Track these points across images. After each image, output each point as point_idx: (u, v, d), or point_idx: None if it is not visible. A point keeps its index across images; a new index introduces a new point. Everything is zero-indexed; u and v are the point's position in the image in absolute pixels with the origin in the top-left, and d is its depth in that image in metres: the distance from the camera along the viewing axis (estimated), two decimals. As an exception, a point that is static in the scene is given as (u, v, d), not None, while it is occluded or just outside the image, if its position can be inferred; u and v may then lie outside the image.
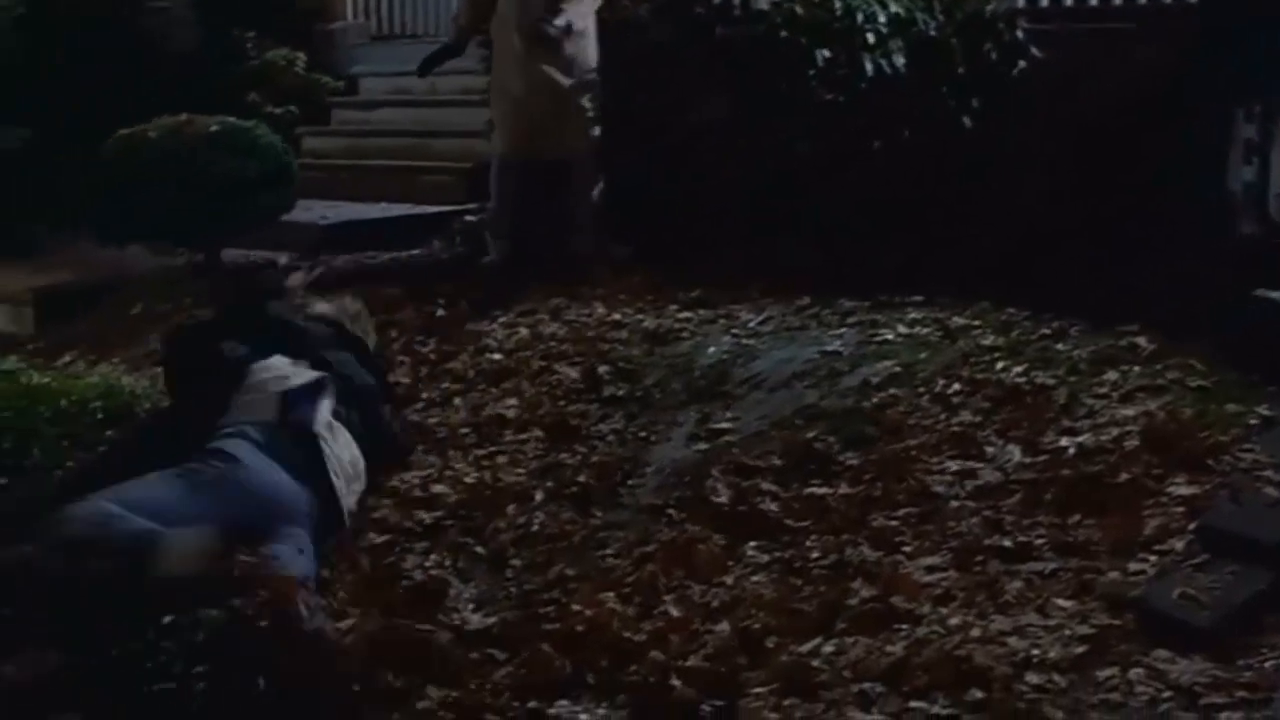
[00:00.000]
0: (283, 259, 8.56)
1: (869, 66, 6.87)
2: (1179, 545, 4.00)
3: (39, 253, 9.58)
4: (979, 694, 3.50)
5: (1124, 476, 4.35)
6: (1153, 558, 3.97)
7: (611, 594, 4.30)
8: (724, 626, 4.04)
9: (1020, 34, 7.00)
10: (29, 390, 6.25)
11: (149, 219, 7.97)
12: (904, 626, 3.86)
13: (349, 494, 4.99)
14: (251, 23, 11.39)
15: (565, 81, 7.36)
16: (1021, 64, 6.97)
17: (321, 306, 6.10)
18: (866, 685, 3.64)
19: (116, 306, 8.16)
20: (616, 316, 6.46)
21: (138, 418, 5.75)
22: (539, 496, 5.07)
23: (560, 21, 7.26)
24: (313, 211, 9.07)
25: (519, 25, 7.36)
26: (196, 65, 10.79)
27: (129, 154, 8.25)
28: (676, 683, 3.81)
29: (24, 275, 8.77)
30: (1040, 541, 4.15)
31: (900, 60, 6.91)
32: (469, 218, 8.46)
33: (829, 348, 5.65)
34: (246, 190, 8.09)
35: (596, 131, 7.45)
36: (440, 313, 6.87)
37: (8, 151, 9.86)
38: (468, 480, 5.26)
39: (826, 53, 6.96)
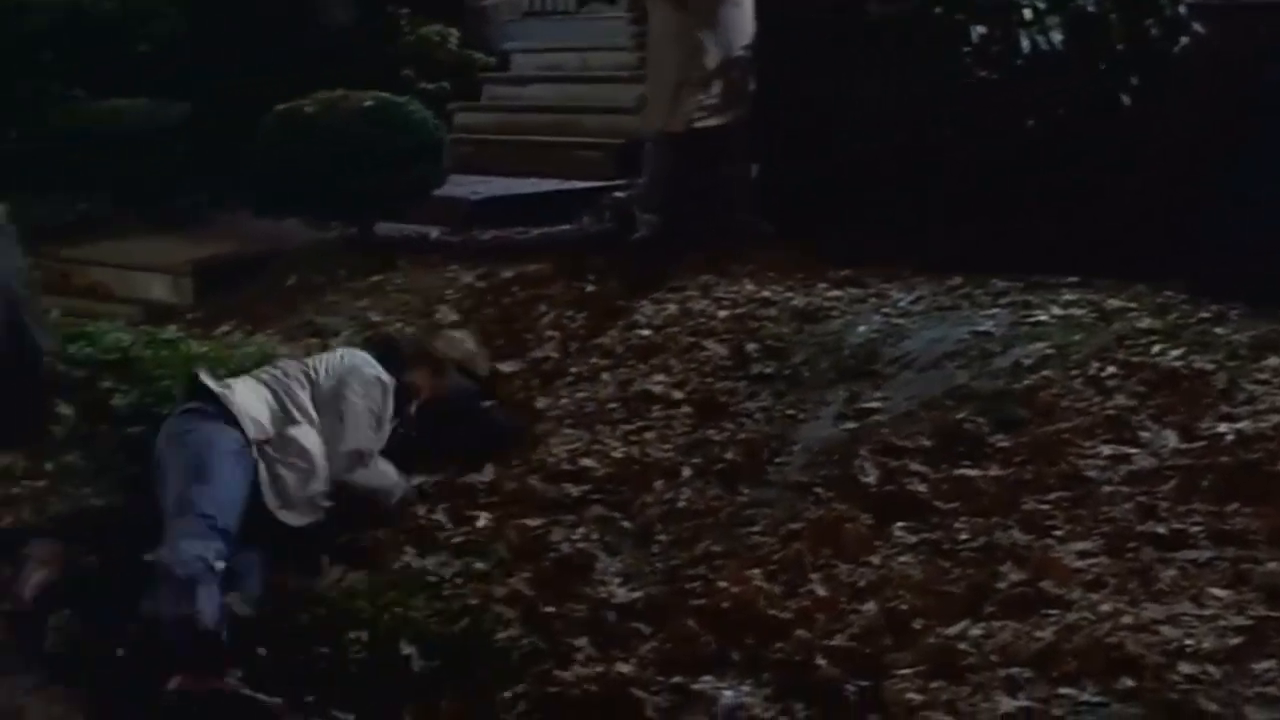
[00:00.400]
0: (433, 233, 8.69)
1: (1025, 43, 6.78)
2: (1341, 536, 3.90)
3: (198, 225, 9.81)
4: (1130, 682, 3.45)
5: (1284, 465, 4.25)
6: (1313, 548, 3.88)
7: (758, 571, 4.30)
8: (870, 606, 4.02)
9: (1182, 9, 6.85)
10: (188, 358, 6.42)
11: (304, 192, 8.14)
12: (1054, 611, 3.81)
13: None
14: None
15: (720, 54, 7.34)
16: (1183, 40, 6.82)
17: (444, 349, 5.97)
18: (1014, 670, 3.60)
19: (272, 278, 8.32)
20: (766, 294, 6.45)
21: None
22: (686, 472, 5.08)
23: None
24: (463, 186, 9.18)
25: None
26: (352, 41, 10.96)
27: (286, 128, 8.43)
28: (821, 662, 3.81)
29: (184, 247, 8.97)
30: (1196, 529, 4.06)
31: (1057, 36, 6.81)
32: (619, 193, 8.49)
33: (981, 328, 5.58)
34: (399, 165, 8.23)
35: (749, 109, 7.41)
36: (589, 288, 6.91)
37: (169, 126, 10.10)
38: (615, 455, 5.29)
39: (981, 29, 6.88)
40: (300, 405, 5.07)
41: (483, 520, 4.95)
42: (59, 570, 4.79)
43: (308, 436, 4.98)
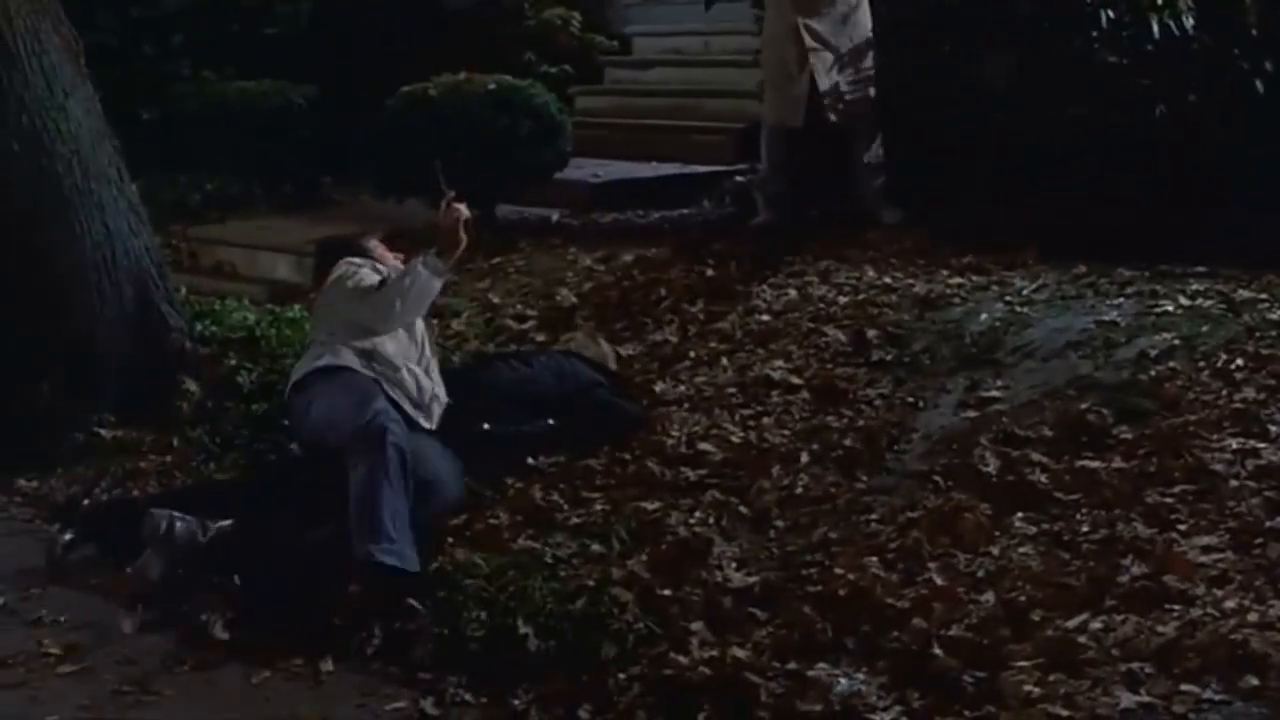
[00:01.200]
0: (554, 216, 8.73)
1: (1155, 27, 6.66)
2: None
3: (322, 205, 9.95)
4: (1254, 681, 3.38)
5: None
6: None
7: (875, 559, 4.28)
8: (989, 597, 3.99)
9: (1321, -7, 6.70)
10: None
11: (426, 174, 8.20)
12: (1176, 607, 3.75)
13: None
14: (529, -18, 11.60)
15: (836, 47, 7.30)
16: (1323, 25, 6.67)
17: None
18: (1135, 665, 3.55)
19: (395, 259, 8.40)
20: (886, 280, 6.41)
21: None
22: (804, 459, 5.06)
23: None
24: (584, 169, 9.21)
25: None
26: (476, 25, 11.04)
27: (409, 110, 8.51)
28: (938, 651, 3.78)
29: (307, 227, 9.09)
30: (1325, 526, 3.99)
31: (1189, 21, 6.67)
32: (739, 178, 8.48)
33: (1105, 317, 5.50)
34: (521, 147, 8.28)
35: (872, 94, 7.37)
36: (709, 272, 6.90)
37: (295, 108, 10.25)
38: (733, 440, 5.29)
39: (1111, 13, 6.77)
40: None
41: (600, 503, 4.98)
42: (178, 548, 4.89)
43: None
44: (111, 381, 6.30)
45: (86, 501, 5.51)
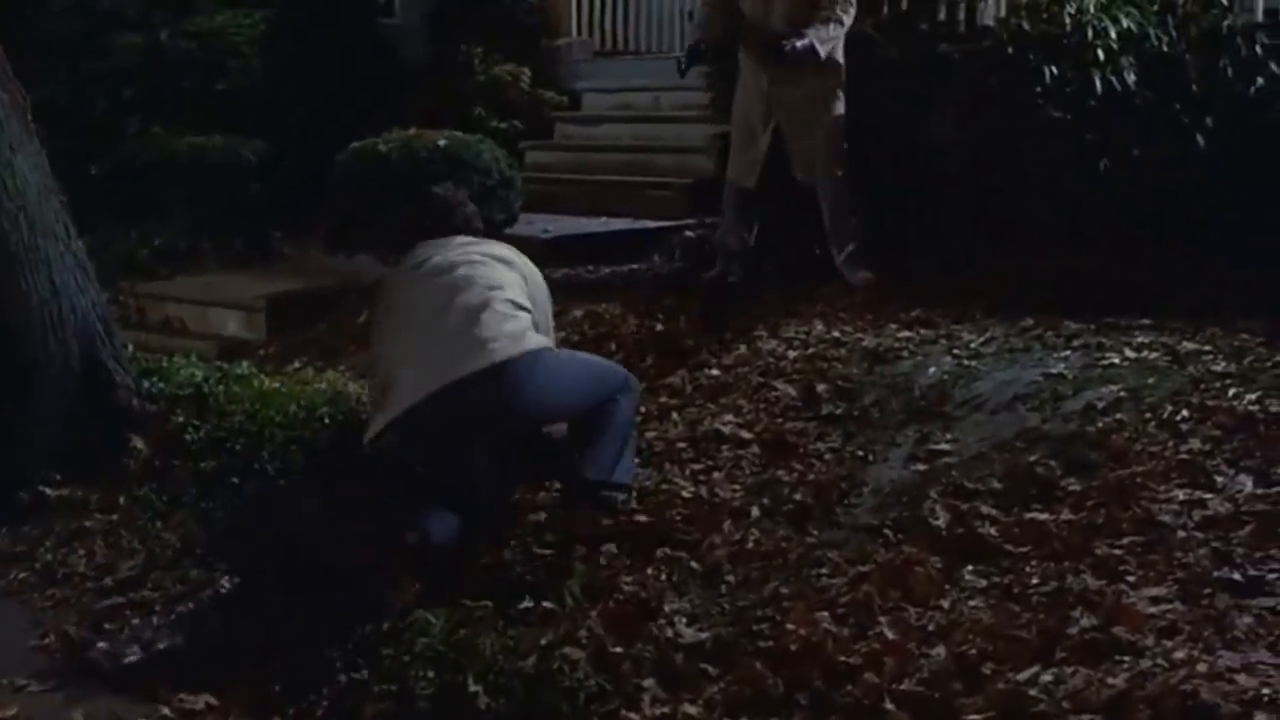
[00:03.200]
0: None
1: (1098, 83, 6.74)
2: None
3: (273, 261, 9.93)
4: (1204, 731, 3.40)
5: (1363, 511, 4.19)
6: (1392, 596, 3.82)
7: (826, 614, 4.27)
8: (940, 651, 3.98)
9: (1259, 49, 6.80)
10: (261, 394, 6.51)
11: (376, 229, 8.20)
12: (1126, 658, 3.75)
13: None
14: (479, 39, 11.66)
15: (805, 113, 7.30)
16: (1260, 81, 6.77)
17: None
18: (1086, 717, 3.54)
19: (344, 314, 8.39)
20: (835, 334, 6.44)
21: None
22: (755, 513, 5.05)
23: (801, 43, 7.09)
24: (535, 225, 9.23)
25: (756, 44, 7.32)
26: (426, 80, 11.08)
27: (359, 166, 8.52)
28: (890, 706, 3.76)
29: (258, 282, 9.07)
30: (1273, 576, 3.99)
31: (1131, 77, 6.77)
32: (689, 233, 8.51)
33: (1053, 370, 5.54)
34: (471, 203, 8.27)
35: (844, 156, 7.34)
36: (659, 327, 6.93)
37: (245, 163, 10.24)
38: (684, 495, 5.28)
39: (1054, 69, 6.85)
40: None
41: (552, 557, 4.95)
42: None
43: None
44: (57, 439, 6.24)
45: None
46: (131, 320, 8.76)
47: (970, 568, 4.38)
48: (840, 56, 7.34)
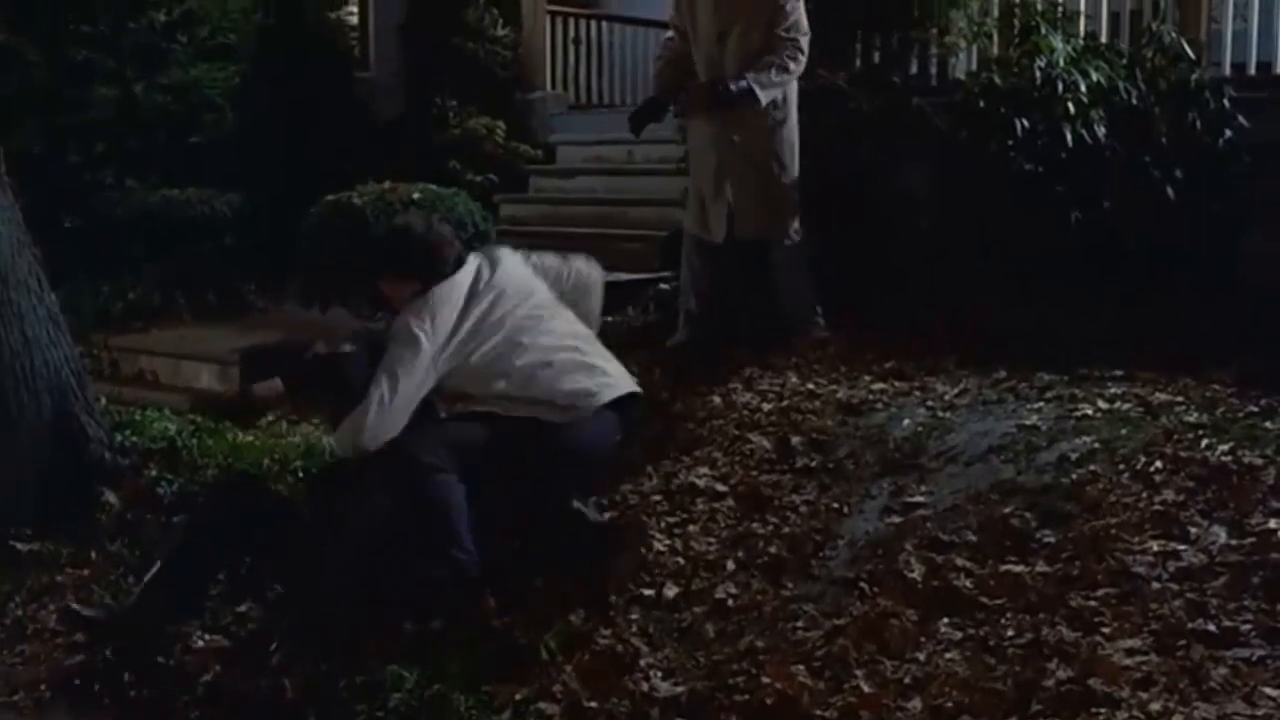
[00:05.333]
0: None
1: (1069, 136, 6.79)
2: (1395, 635, 3.85)
3: (246, 314, 9.89)
4: (1181, 783, 3.40)
5: (1337, 562, 4.20)
6: (1367, 647, 3.83)
7: (802, 667, 4.27)
8: (916, 704, 3.98)
9: (1227, 102, 6.87)
10: (234, 448, 6.49)
11: (350, 282, 8.20)
12: (1102, 710, 3.76)
13: None
14: (453, 92, 11.69)
15: (757, 165, 7.17)
16: (1228, 133, 6.84)
17: None
18: (1062, 769, 3.56)
19: (318, 368, 8.35)
20: (810, 386, 6.44)
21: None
22: (730, 566, 5.05)
23: (738, 84, 6.96)
24: (510, 277, 9.19)
25: (700, 93, 7.23)
26: (401, 134, 11.10)
27: (333, 219, 8.52)
28: (867, 760, 3.77)
29: (230, 335, 9.03)
30: (1247, 627, 4.01)
31: (1101, 130, 6.82)
32: (663, 285, 8.51)
33: (1026, 422, 5.55)
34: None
35: (794, 211, 7.24)
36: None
37: (219, 216, 10.22)
38: (659, 548, 5.27)
39: (1025, 122, 6.90)
40: None
41: (528, 613, 4.93)
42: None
43: None
44: (28, 493, 6.21)
45: None
46: (104, 373, 8.71)
47: (946, 620, 4.38)
48: (791, 111, 7.22)
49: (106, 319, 9.53)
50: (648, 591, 4.98)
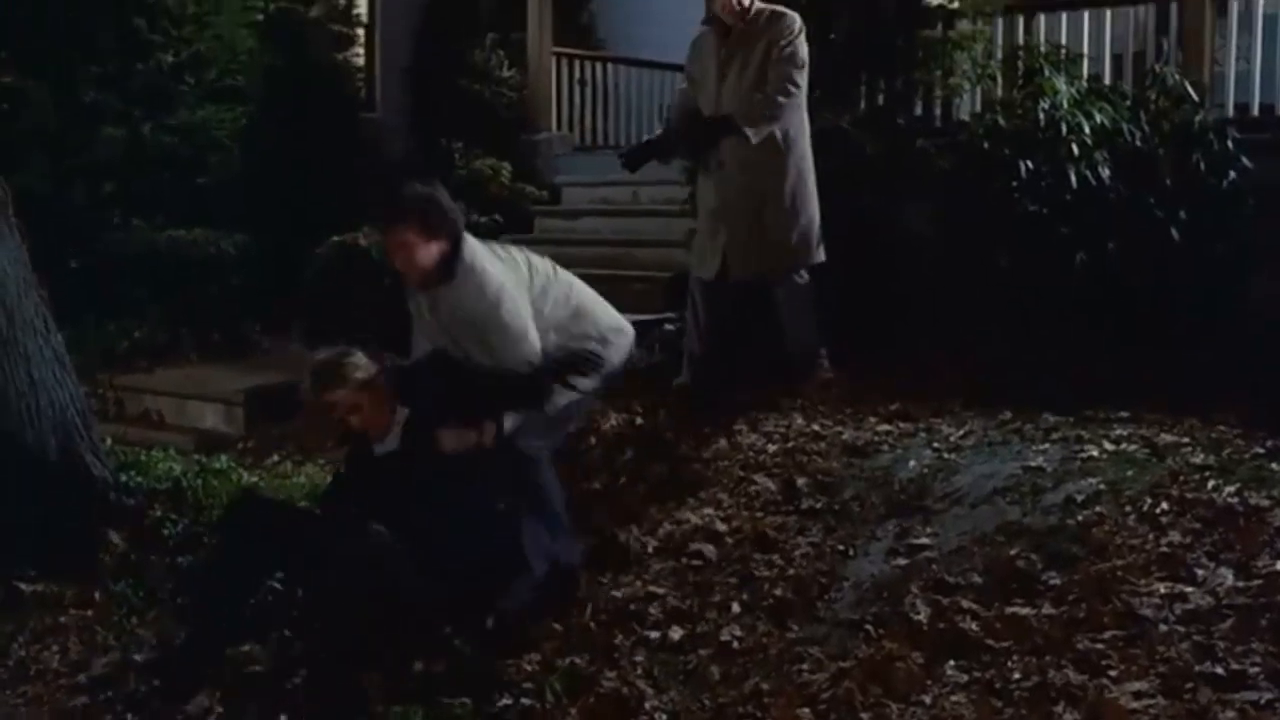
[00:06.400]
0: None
1: (1073, 178, 6.80)
2: (1404, 679, 3.83)
3: (252, 354, 9.91)
4: (1189, 828, 3.38)
5: (1344, 604, 4.18)
6: (1375, 691, 3.81)
7: (807, 710, 4.25)
8: (922, 747, 3.97)
9: (1230, 144, 6.88)
10: (239, 488, 6.47)
11: (357, 322, 8.20)
12: (1109, 754, 3.75)
13: None
14: (459, 133, 11.73)
15: (765, 205, 7.14)
16: (1232, 175, 6.85)
17: None
18: (1070, 814, 3.54)
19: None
20: (815, 428, 6.44)
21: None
22: (735, 608, 5.04)
23: (753, 130, 6.95)
24: (515, 318, 9.20)
25: (695, 131, 7.25)
26: (406, 174, 11.12)
27: (339, 259, 8.54)
28: (873, 803, 3.75)
29: (237, 375, 9.05)
30: (1255, 670, 3.99)
31: (1105, 171, 6.84)
32: (668, 326, 8.51)
33: (1032, 463, 5.55)
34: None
35: (803, 252, 7.20)
36: (638, 420, 6.90)
37: (225, 256, 10.25)
38: (663, 591, 5.25)
39: (1030, 164, 6.92)
40: None
41: (533, 656, 4.92)
42: None
43: None
44: (32, 534, 6.19)
45: None
46: (110, 413, 8.73)
47: (952, 663, 4.36)
48: (798, 147, 7.15)
49: (112, 358, 9.55)
50: (653, 634, 4.96)
